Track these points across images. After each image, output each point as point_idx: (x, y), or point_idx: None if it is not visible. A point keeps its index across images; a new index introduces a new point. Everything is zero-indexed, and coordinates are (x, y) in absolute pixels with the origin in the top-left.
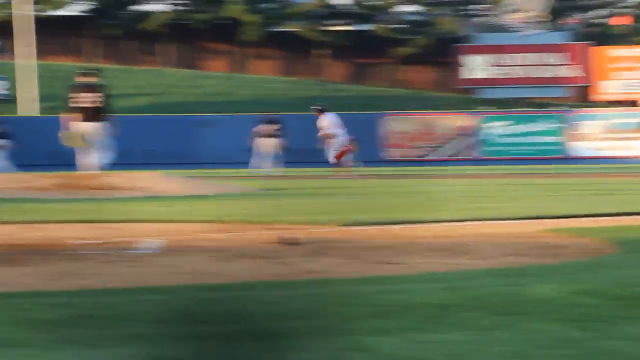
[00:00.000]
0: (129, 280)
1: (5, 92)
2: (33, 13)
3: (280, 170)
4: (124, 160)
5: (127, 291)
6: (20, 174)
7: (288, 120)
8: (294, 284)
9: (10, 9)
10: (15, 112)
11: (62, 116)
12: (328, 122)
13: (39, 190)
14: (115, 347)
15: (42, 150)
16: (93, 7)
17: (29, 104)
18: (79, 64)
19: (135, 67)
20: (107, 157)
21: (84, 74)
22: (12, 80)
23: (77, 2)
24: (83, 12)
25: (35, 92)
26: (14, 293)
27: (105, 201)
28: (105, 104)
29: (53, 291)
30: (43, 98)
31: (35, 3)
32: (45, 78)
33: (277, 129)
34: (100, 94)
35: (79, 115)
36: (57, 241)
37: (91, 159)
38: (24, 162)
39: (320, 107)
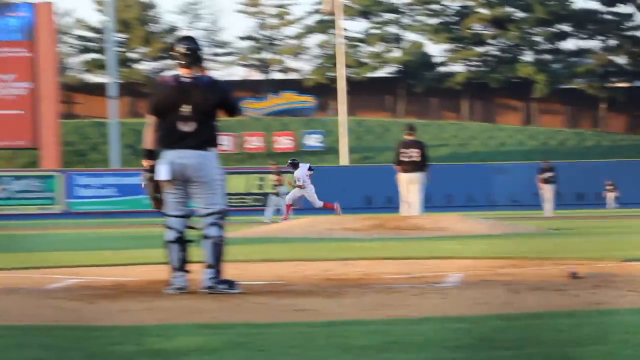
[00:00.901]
0: (435, 310)
1: (320, 144)
2: (346, 75)
3: (555, 212)
4: (428, 204)
5: (434, 320)
6: (338, 217)
7: (568, 167)
8: (583, 313)
9: (328, 73)
10: (336, 163)
11: (395, 167)
12: (298, 174)
13: (355, 230)
14: None
15: (357, 195)
16: (401, 69)
17: (343, 155)
18: (388, 119)
19: (439, 121)
20: (421, 203)
21: (408, 133)
22: (328, 134)
23: (388, 64)
24: (392, 73)
25: (346, 145)
26: (334, 322)
27: (413, 240)
28: (423, 158)
29: (369, 320)
30: (355, 150)
31: (351, 67)
32: (357, 132)
33: (552, 175)
34: (419, 150)
35: (402, 167)
36: (372, 276)
37: (407, 204)
38: (342, 206)
39: (292, 162)
